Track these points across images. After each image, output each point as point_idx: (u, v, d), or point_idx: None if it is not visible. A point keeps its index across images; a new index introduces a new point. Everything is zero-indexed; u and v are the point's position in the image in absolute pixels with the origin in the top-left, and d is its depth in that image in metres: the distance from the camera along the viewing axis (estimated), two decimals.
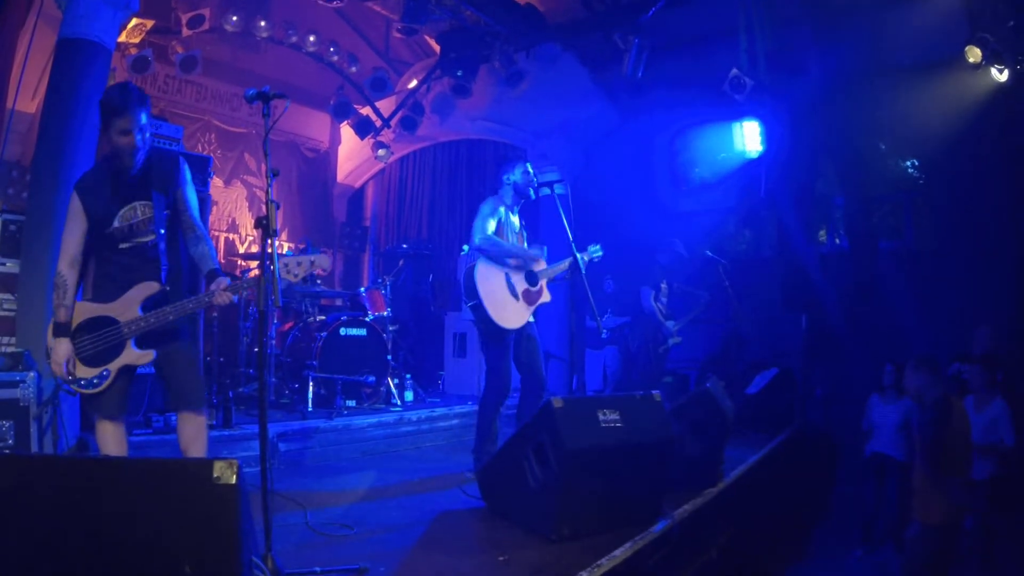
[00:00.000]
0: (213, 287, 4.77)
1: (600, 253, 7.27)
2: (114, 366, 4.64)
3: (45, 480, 3.04)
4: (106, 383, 4.63)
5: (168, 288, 4.78)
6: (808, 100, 11.13)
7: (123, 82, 4.84)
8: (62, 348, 4.52)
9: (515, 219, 7.07)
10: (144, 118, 4.62)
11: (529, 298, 6.76)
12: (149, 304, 4.72)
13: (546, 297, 6.93)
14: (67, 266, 4.63)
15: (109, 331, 4.63)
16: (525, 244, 7.12)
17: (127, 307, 4.67)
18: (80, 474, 3.09)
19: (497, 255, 6.71)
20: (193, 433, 4.87)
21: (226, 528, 2.89)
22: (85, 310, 4.66)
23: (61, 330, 4.56)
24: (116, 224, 4.69)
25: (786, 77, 11.14)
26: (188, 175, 5.01)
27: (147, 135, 4.68)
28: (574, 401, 4.95)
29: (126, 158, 4.64)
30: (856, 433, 9.08)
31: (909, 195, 11.93)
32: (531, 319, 6.93)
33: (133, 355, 4.68)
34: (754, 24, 10.84)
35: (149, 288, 4.73)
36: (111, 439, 4.73)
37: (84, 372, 4.60)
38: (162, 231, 4.80)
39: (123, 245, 4.73)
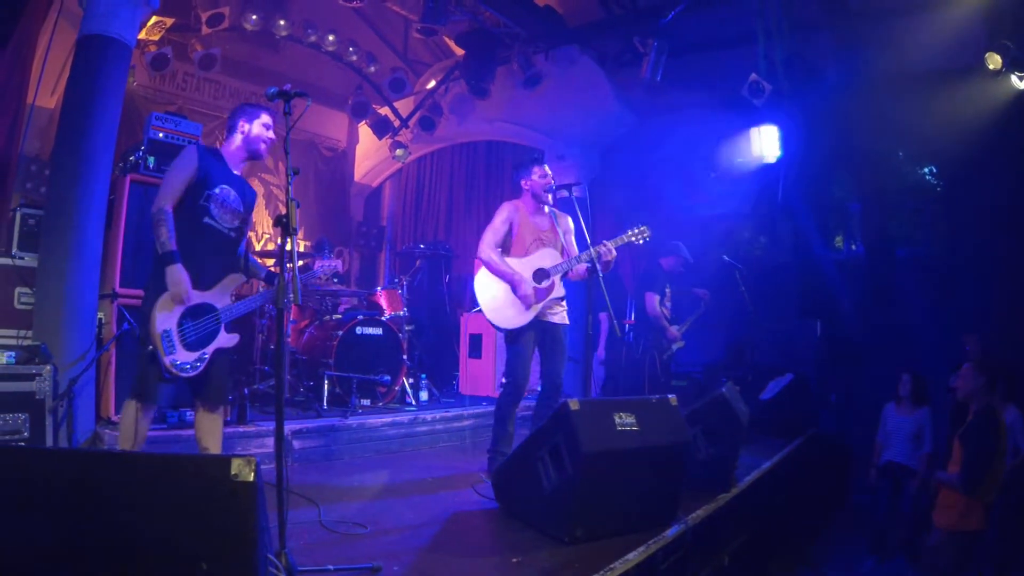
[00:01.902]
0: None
1: (648, 234, 7.02)
2: (211, 349, 5.02)
3: (62, 474, 3.04)
4: (203, 367, 4.97)
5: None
6: (826, 106, 11.09)
7: None
8: (182, 274, 4.81)
9: (541, 220, 7.00)
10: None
11: (537, 295, 6.72)
12: (237, 294, 5.30)
13: (558, 292, 6.83)
14: (170, 204, 4.95)
15: (210, 317, 5.02)
16: (565, 242, 7.02)
17: (223, 295, 5.16)
18: (97, 469, 3.10)
19: (492, 271, 6.77)
20: (214, 428, 5.17)
21: (243, 526, 2.89)
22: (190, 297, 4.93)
23: (175, 256, 4.83)
24: (216, 190, 5.11)
25: (804, 83, 11.09)
26: None
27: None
28: (591, 403, 4.94)
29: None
30: (870, 441, 9.07)
31: (926, 202, 11.88)
32: (559, 321, 6.87)
33: (225, 338, 5.12)
34: (772, 29, 10.82)
35: (239, 279, 5.29)
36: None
37: (186, 356, 4.88)
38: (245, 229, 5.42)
39: (209, 221, 5.10)
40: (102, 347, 6.72)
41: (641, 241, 6.91)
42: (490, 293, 6.68)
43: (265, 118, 5.37)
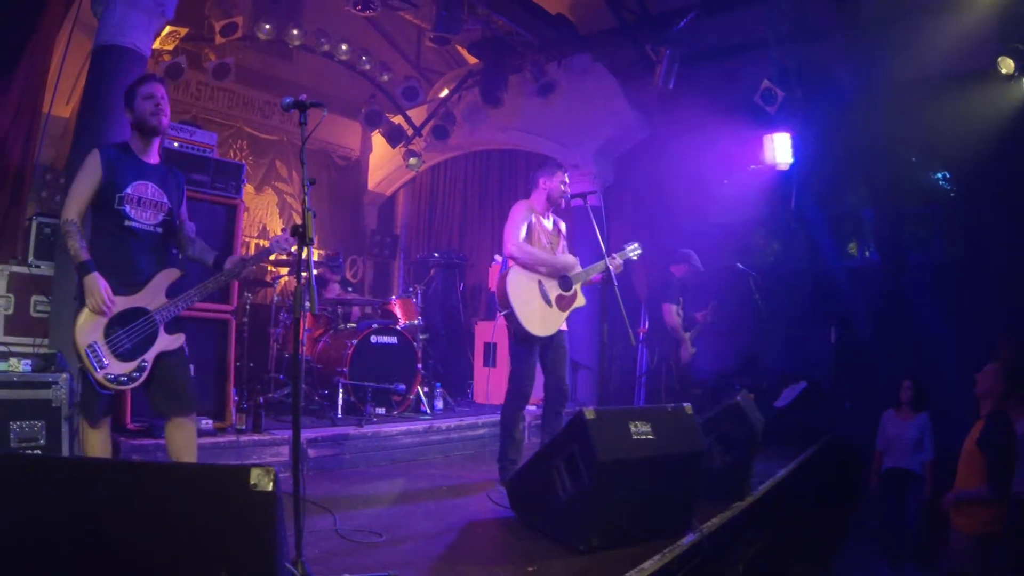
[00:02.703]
0: (228, 263, 5.09)
1: (639, 251, 7.21)
2: (151, 355, 4.72)
3: (82, 483, 3.06)
4: (145, 375, 4.69)
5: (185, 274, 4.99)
6: (839, 112, 11.08)
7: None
8: (102, 282, 4.53)
9: (547, 223, 7.01)
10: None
11: (563, 303, 6.72)
12: (173, 290, 4.91)
13: (580, 301, 6.86)
14: (77, 215, 4.66)
15: (142, 321, 4.72)
16: (561, 246, 7.06)
17: (155, 294, 4.82)
18: (116, 478, 3.12)
19: (529, 263, 6.67)
20: (186, 440, 4.88)
21: (262, 535, 2.90)
22: (116, 304, 4.66)
23: (89, 266, 4.55)
24: (129, 189, 4.79)
25: (817, 89, 11.09)
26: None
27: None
28: (606, 412, 4.93)
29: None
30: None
31: (940, 208, 11.84)
32: (563, 327, 6.89)
33: (166, 340, 4.80)
34: (785, 35, 10.82)
35: (173, 274, 4.93)
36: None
37: (121, 367, 4.61)
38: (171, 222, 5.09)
39: (130, 224, 4.81)
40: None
41: (635, 256, 7.08)
42: (524, 297, 6.61)
43: (143, 89, 4.92)
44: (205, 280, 5.03)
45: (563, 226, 7.24)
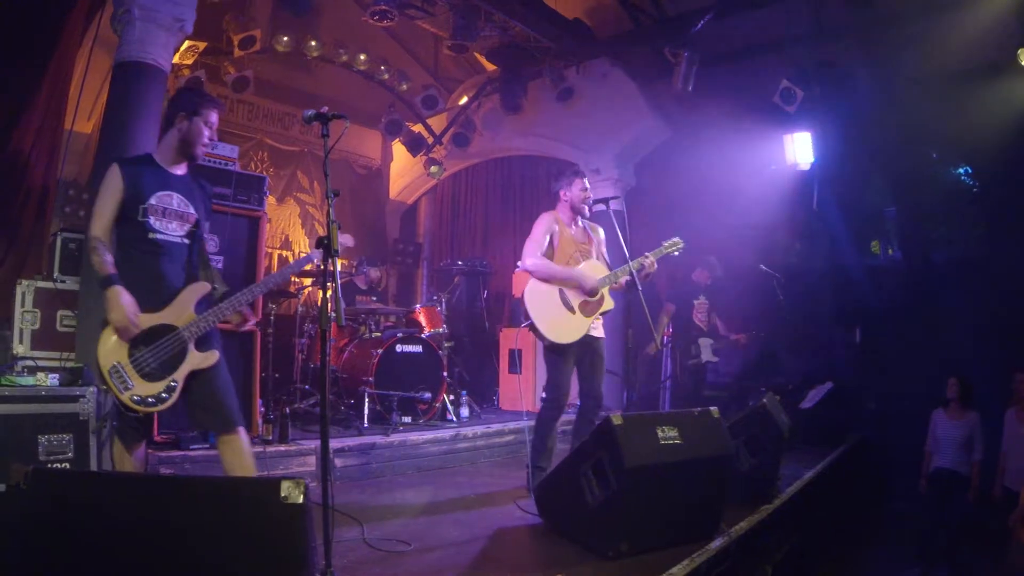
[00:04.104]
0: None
1: (681, 245, 7.07)
2: (180, 375, 4.43)
3: (112, 497, 3.07)
4: (175, 396, 4.42)
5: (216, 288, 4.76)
6: (858, 110, 11.04)
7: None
8: (125, 296, 4.28)
9: (576, 231, 6.96)
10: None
11: (587, 309, 6.66)
12: (203, 305, 4.66)
13: (608, 305, 6.77)
14: (102, 232, 4.45)
15: (169, 339, 4.44)
16: (595, 253, 7.00)
17: (182, 310, 4.55)
18: (147, 492, 3.13)
19: (544, 277, 6.65)
20: (236, 456, 4.60)
21: (293, 547, 2.91)
22: (140, 321, 4.39)
23: (112, 279, 4.31)
24: (152, 200, 4.57)
25: (835, 87, 11.06)
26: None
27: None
28: (634, 418, 4.92)
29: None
30: (911, 449, 8.98)
31: (963, 204, 11.79)
32: (599, 335, 6.82)
33: (197, 358, 4.51)
34: (802, 35, 10.80)
35: (202, 288, 4.69)
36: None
37: (149, 388, 4.34)
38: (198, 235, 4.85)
39: (155, 236, 4.57)
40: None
41: (676, 252, 6.94)
42: (543, 306, 6.59)
43: (208, 114, 4.76)
44: (237, 294, 4.78)
45: (599, 232, 7.17)
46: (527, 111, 13.18)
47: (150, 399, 4.34)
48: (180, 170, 4.83)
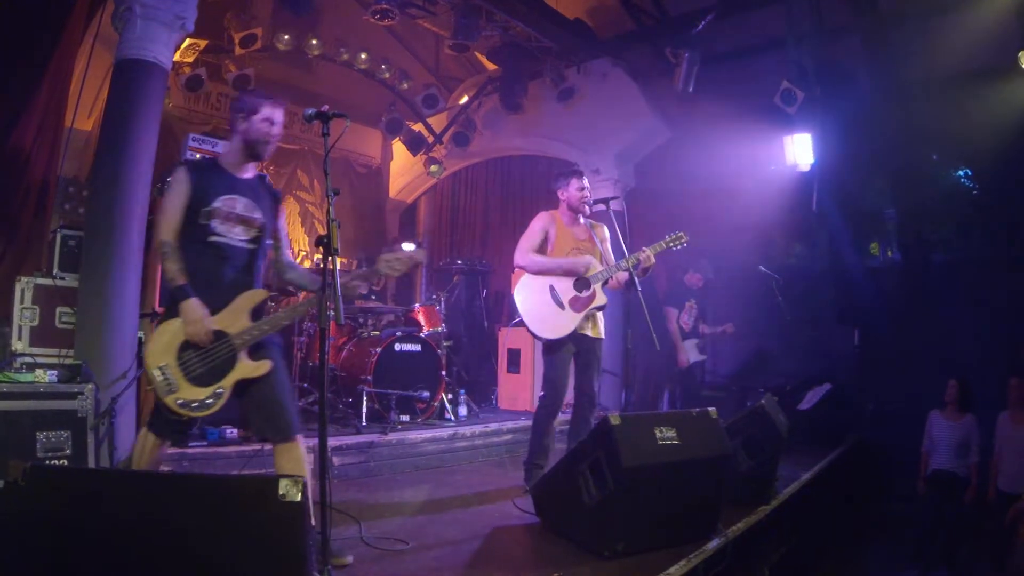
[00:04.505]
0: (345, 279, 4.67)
1: (686, 239, 6.96)
2: (228, 382, 4.36)
3: (110, 494, 3.08)
4: (220, 403, 4.35)
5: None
6: (858, 111, 11.04)
7: None
8: (199, 309, 4.27)
9: (576, 230, 6.99)
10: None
11: (577, 304, 6.66)
12: (258, 312, 4.58)
13: (600, 300, 6.77)
14: (171, 235, 4.41)
15: (219, 345, 4.36)
16: (603, 251, 7.02)
17: (236, 317, 4.45)
18: (145, 489, 3.14)
19: (536, 271, 6.72)
20: (292, 465, 4.51)
21: (291, 545, 2.92)
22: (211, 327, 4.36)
23: (186, 291, 4.29)
24: (217, 203, 4.50)
25: (836, 88, 11.06)
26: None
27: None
28: (632, 418, 4.94)
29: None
30: (909, 450, 8.97)
31: (962, 206, 11.78)
32: (598, 335, 6.85)
33: (248, 367, 4.42)
34: (803, 35, 10.80)
35: (257, 295, 4.60)
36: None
37: (194, 393, 4.26)
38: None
39: (216, 239, 4.50)
40: (142, 366, 6.79)
41: (678, 247, 6.94)
42: (532, 303, 6.65)
43: (267, 111, 4.71)
44: (297, 304, 4.83)
45: (603, 231, 7.17)
46: (528, 111, 13.17)
47: (194, 404, 4.26)
48: (247, 173, 4.78)
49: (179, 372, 4.24)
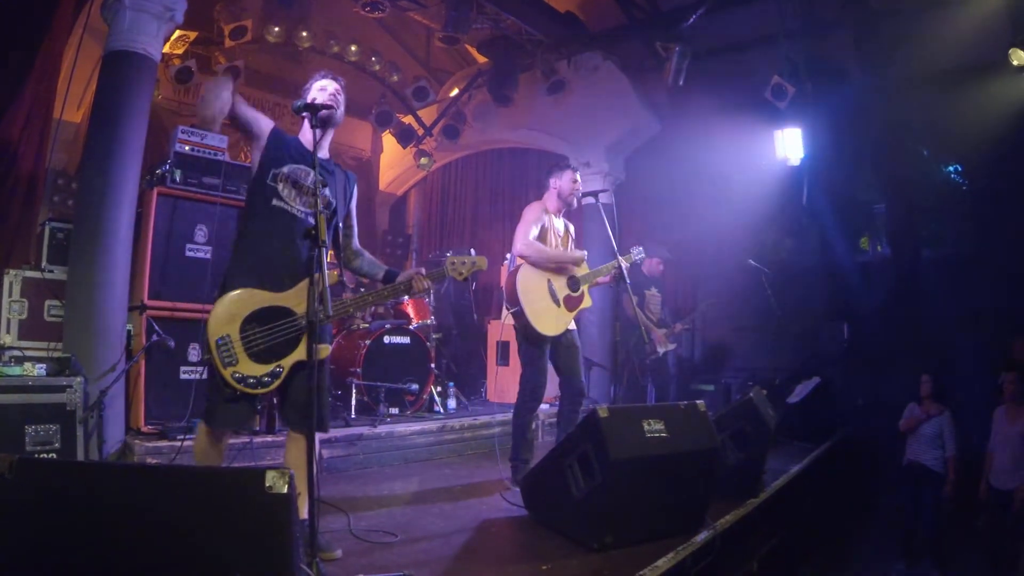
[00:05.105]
0: (402, 276, 4.78)
1: (643, 255, 7.22)
2: (288, 362, 4.26)
3: (97, 487, 3.07)
4: (278, 382, 4.25)
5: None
6: (849, 106, 11.05)
7: None
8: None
9: (559, 223, 7.02)
10: None
11: (570, 304, 6.71)
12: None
13: (587, 302, 6.85)
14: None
15: (285, 323, 4.27)
16: (571, 248, 7.07)
17: (303, 297, 4.14)
18: (132, 481, 3.13)
19: (539, 260, 6.68)
20: (296, 453, 4.49)
21: (278, 538, 2.91)
22: (257, 298, 4.25)
23: None
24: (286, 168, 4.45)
25: (827, 83, 11.08)
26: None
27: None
28: (620, 411, 4.94)
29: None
30: (897, 444, 9.00)
31: (953, 201, 11.80)
32: (572, 326, 6.88)
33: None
34: (794, 30, 10.81)
35: (329, 277, 4.23)
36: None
37: (253, 369, 4.16)
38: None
39: (279, 203, 4.41)
40: (131, 359, 6.78)
41: (639, 260, 7.12)
42: (534, 295, 6.63)
43: (320, 81, 4.78)
44: (376, 290, 4.76)
45: (571, 228, 7.24)
46: (518, 104, 13.18)
47: (251, 379, 4.16)
48: (323, 153, 4.66)
49: (240, 345, 4.16)
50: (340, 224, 4.85)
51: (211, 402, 4.26)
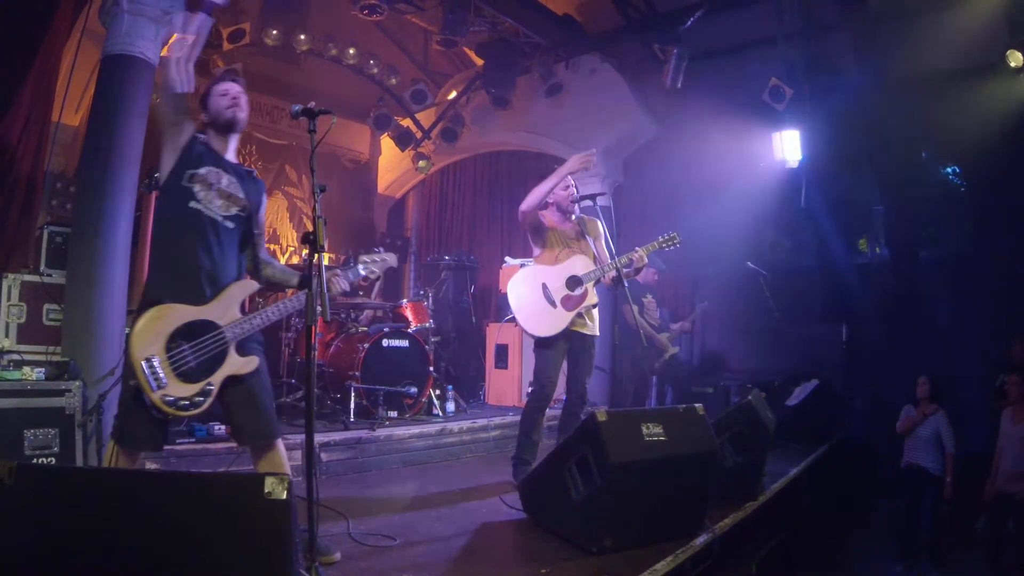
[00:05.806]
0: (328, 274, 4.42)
1: (679, 239, 6.90)
2: (218, 378, 4.05)
3: (96, 493, 3.06)
4: (209, 401, 4.04)
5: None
6: (847, 108, 11.04)
7: None
8: None
9: (567, 228, 6.99)
10: None
11: (569, 303, 6.67)
12: (243, 306, 4.29)
13: (592, 299, 6.79)
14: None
15: (211, 337, 4.06)
16: (596, 248, 7.02)
17: (227, 308, 4.14)
18: (132, 487, 3.12)
19: (536, 199, 6.83)
20: (281, 466, 4.29)
21: (276, 543, 2.90)
22: (179, 313, 4.02)
23: None
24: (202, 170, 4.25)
25: (825, 85, 11.07)
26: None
27: None
28: (619, 414, 4.93)
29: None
30: (896, 446, 9.00)
31: (951, 203, 11.80)
32: (591, 332, 6.85)
33: (237, 363, 4.12)
34: (792, 32, 10.81)
35: (249, 287, 4.38)
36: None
37: (183, 390, 3.95)
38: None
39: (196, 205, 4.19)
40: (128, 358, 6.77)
41: (670, 247, 6.91)
42: (525, 301, 6.67)
43: (220, 87, 4.52)
44: (287, 299, 4.39)
45: (597, 226, 7.16)
46: (516, 106, 13.17)
47: (183, 402, 3.94)
48: (230, 156, 4.54)
49: (168, 366, 3.91)
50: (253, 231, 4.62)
51: (126, 423, 4.04)
